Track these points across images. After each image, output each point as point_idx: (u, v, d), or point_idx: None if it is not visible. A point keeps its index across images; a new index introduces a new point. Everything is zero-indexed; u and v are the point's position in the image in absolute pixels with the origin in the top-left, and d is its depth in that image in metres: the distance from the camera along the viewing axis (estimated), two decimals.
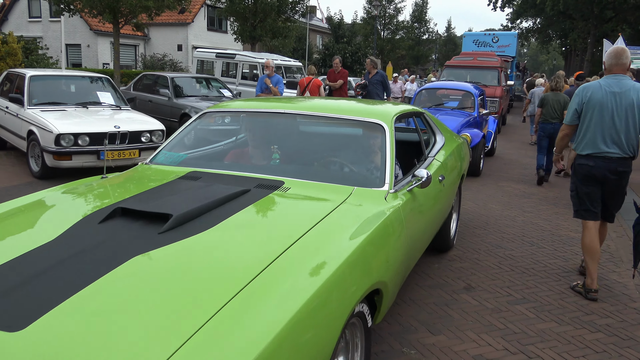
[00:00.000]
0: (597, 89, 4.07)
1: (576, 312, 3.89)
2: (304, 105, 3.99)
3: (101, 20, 14.22)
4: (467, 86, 10.61)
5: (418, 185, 3.19)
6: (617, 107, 4.01)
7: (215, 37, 32.04)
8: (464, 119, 9.01)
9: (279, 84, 9.55)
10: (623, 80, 4.03)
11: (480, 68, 16.45)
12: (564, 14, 36.60)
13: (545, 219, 6.49)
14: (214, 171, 3.22)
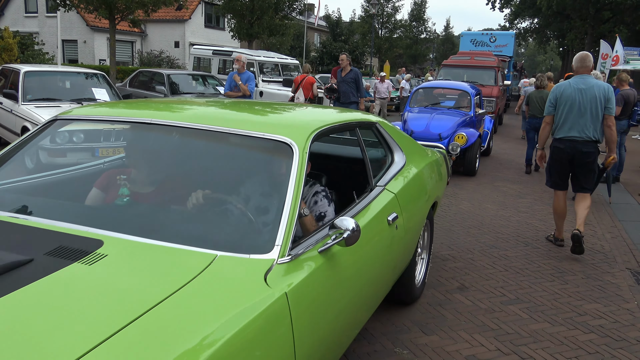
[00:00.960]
0: (567, 87, 5.08)
1: (569, 313, 3.89)
2: (188, 114, 2.68)
3: (97, 16, 14.16)
4: (464, 85, 10.53)
5: (340, 242, 2.05)
6: (583, 101, 4.98)
7: (212, 34, 31.96)
8: (460, 118, 9.04)
9: (250, 81, 8.75)
10: (587, 79, 5.03)
11: (477, 67, 16.46)
12: (561, 14, 36.66)
13: (540, 219, 6.50)
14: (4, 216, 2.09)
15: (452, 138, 8.45)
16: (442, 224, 6.01)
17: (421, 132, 8.46)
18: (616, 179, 8.98)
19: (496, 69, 16.32)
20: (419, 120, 9.04)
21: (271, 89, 12.64)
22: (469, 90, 9.98)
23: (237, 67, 8.73)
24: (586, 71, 5.11)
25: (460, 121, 8.94)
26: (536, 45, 60.36)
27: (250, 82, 8.68)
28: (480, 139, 9.07)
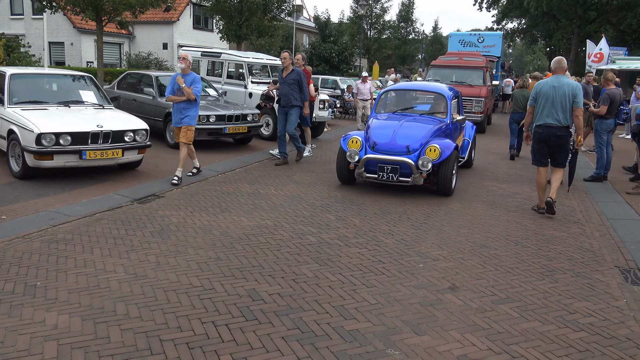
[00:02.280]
0: (545, 84, 6.52)
1: (560, 312, 3.91)
2: None
3: (84, 17, 14.02)
4: (439, 87, 9.05)
5: None
6: (556, 95, 6.38)
7: (201, 35, 31.80)
8: (433, 126, 7.63)
9: (195, 84, 7.46)
10: (561, 79, 6.44)
11: (465, 68, 16.45)
12: (548, 14, 36.94)
13: (530, 218, 6.53)
14: None
15: (423, 151, 7.09)
16: (432, 223, 6.02)
17: (385, 144, 7.19)
18: (604, 178, 9.06)
19: (484, 69, 16.27)
20: (384, 129, 7.56)
21: (260, 90, 12.57)
22: (444, 93, 8.46)
23: (182, 67, 7.49)
24: (562, 72, 6.53)
25: (434, 130, 7.55)
26: (524, 45, 60.79)
27: (196, 84, 7.49)
28: (457, 151, 7.72)
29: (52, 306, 3.58)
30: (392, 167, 7.06)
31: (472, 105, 14.96)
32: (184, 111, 7.55)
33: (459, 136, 8.85)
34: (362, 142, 7.36)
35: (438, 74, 16.26)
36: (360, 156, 7.25)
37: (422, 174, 6.94)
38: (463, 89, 14.92)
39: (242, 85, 12.92)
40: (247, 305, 3.71)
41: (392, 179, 7.07)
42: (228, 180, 7.83)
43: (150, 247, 4.82)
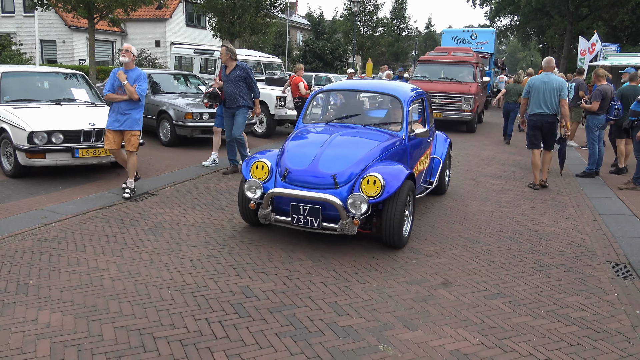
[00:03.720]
0: (537, 80, 7.85)
1: (551, 306, 3.94)
2: None
3: (75, 15, 13.95)
4: (393, 87, 6.35)
5: None
6: (546, 89, 7.70)
7: (194, 33, 31.71)
8: (378, 144, 5.18)
9: (140, 81, 6.41)
10: (550, 75, 7.79)
11: (455, 64, 15.86)
12: (541, 11, 37.05)
13: (522, 214, 6.56)
14: None
15: (358, 183, 4.67)
16: (425, 219, 6.04)
17: (303, 173, 4.78)
18: (596, 173, 9.11)
19: (475, 65, 15.68)
20: (304, 148, 5.15)
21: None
22: (399, 95, 5.86)
23: (125, 61, 6.43)
24: (550, 70, 7.91)
25: (379, 150, 5.11)
26: (518, 42, 60.98)
27: (140, 82, 6.41)
28: (412, 181, 5.12)
29: (44, 304, 3.57)
30: (310, 207, 4.61)
31: (461, 103, 14.47)
32: (124, 112, 6.38)
33: (424, 155, 6.34)
34: (271, 169, 4.98)
35: (426, 71, 15.90)
36: (264, 190, 4.82)
37: (355, 219, 4.48)
38: (452, 86, 14.68)
39: None
40: (241, 302, 3.72)
41: (313, 225, 4.66)
42: (222, 178, 7.81)
43: (144, 244, 4.82)
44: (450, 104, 14.51)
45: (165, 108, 10.18)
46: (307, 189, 4.71)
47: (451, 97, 14.48)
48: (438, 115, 14.19)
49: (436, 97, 14.37)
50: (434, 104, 13.88)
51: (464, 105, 14.42)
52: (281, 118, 12.12)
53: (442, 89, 14.68)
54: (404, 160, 5.52)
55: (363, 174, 4.76)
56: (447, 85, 14.90)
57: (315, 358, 3.06)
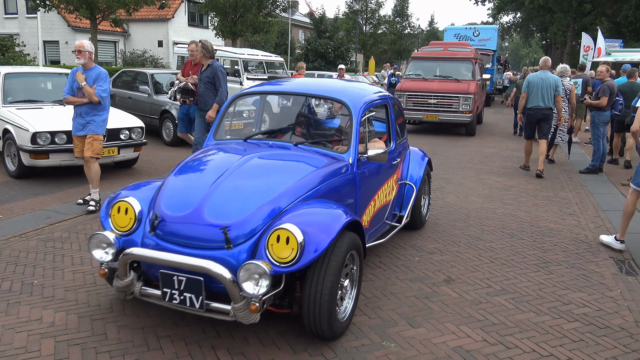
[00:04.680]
0: (535, 77, 8.74)
1: (554, 302, 3.94)
2: None
3: (78, 16, 13.99)
4: (340, 90, 4.49)
5: None
6: (543, 85, 8.57)
7: (196, 32, 31.70)
8: (309, 175, 3.53)
9: (100, 81, 5.72)
10: (547, 73, 8.69)
11: (451, 60, 14.39)
12: (543, 7, 36.94)
13: (525, 210, 6.55)
14: None
15: (264, 240, 2.97)
16: (429, 217, 6.03)
17: (180, 222, 3.11)
18: (600, 170, 9.09)
19: (473, 61, 14.15)
20: (190, 181, 3.51)
21: None
22: (347, 102, 4.15)
23: (81, 62, 5.73)
24: (547, 68, 8.82)
25: (308, 183, 3.48)
26: (521, 39, 60.84)
27: (100, 82, 5.72)
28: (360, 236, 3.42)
29: (49, 304, 3.59)
30: (187, 279, 2.94)
31: (459, 104, 13.16)
32: (86, 116, 5.80)
33: (386, 184, 4.60)
34: (140, 213, 3.30)
35: (420, 68, 14.62)
36: (116, 246, 3.17)
37: (252, 302, 2.83)
38: (449, 85, 13.50)
39: (238, 82, 12.91)
40: None
41: (193, 305, 2.96)
42: None
43: None
44: (446, 105, 13.30)
45: (167, 108, 10.21)
46: (186, 247, 3.00)
47: (448, 97, 13.27)
48: (434, 117, 13.43)
49: (431, 97, 13.39)
50: (428, 105, 13.41)
51: (462, 106, 13.14)
52: None
53: (437, 88, 13.53)
54: (348, 197, 3.78)
55: (269, 227, 3.01)
56: (443, 84, 13.72)
57: (319, 356, 3.07)
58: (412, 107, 13.50)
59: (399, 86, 14.10)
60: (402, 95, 13.63)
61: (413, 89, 13.63)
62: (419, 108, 13.46)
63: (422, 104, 13.43)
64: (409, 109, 13.39)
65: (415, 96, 13.52)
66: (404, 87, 13.85)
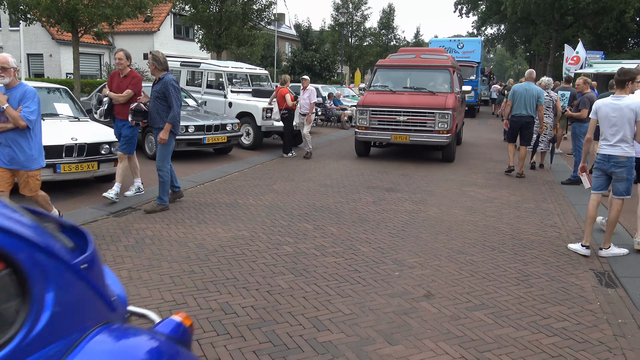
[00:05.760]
0: (519, 87, 9.61)
1: (534, 317, 3.92)
2: None
3: (59, 30, 13.90)
4: None
5: None
6: (526, 95, 9.46)
7: (182, 45, 31.69)
8: None
9: (26, 101, 4.78)
10: (530, 84, 9.60)
11: (425, 68, 11.88)
12: (526, 19, 37.48)
13: (507, 222, 6.56)
14: None
15: None
16: (409, 230, 6.02)
17: None
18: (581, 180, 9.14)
19: (451, 70, 11.73)
20: None
21: (241, 99, 12.55)
22: None
23: (5, 82, 4.81)
24: (531, 80, 9.70)
25: None
26: (505, 50, 61.59)
27: (28, 102, 4.78)
28: None
29: None
30: None
31: (434, 122, 10.63)
32: (13, 145, 4.84)
33: None
34: None
35: (388, 79, 12.01)
36: None
37: None
38: (422, 99, 10.93)
39: (222, 95, 12.87)
40: (220, 319, 3.67)
41: None
42: (206, 191, 7.77)
43: (124, 261, 4.75)
44: (419, 124, 10.73)
45: None
46: None
47: (421, 113, 10.71)
48: (403, 138, 10.83)
49: (400, 114, 10.82)
50: (397, 123, 10.83)
51: (439, 125, 10.61)
52: (268, 130, 12.09)
53: (408, 102, 10.91)
54: None
55: None
56: (415, 97, 11.08)
57: None
58: (378, 125, 11.03)
59: (361, 100, 11.44)
60: (365, 111, 11.06)
61: (378, 104, 11.05)
62: (386, 127, 10.95)
63: (389, 121, 10.91)
64: (373, 127, 11.05)
65: (380, 112, 10.97)
66: (367, 101, 11.22)
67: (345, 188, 8.26)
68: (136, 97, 6.78)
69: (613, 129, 5.23)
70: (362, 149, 11.72)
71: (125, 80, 6.87)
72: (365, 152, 11.76)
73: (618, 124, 5.19)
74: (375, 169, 10.07)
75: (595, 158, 5.57)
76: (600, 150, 5.41)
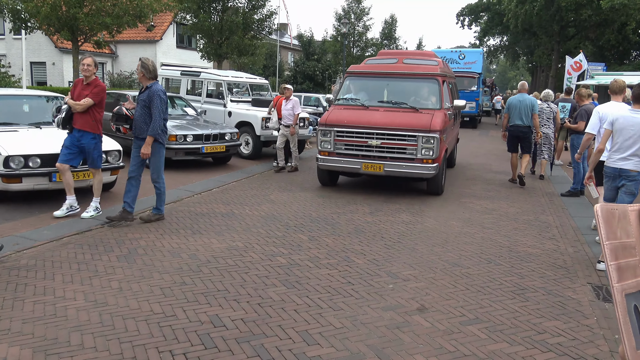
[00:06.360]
0: (514, 99, 10.02)
1: (528, 332, 3.85)
2: None
3: (59, 38, 13.95)
4: None
5: None
6: (521, 106, 9.84)
7: (184, 54, 31.82)
8: None
9: None
10: (524, 95, 10.02)
11: (407, 77, 9.23)
12: (528, 31, 37.57)
13: (505, 235, 6.50)
14: None
15: None
16: (405, 242, 5.96)
17: None
18: (581, 192, 9.09)
19: (440, 80, 9.07)
20: None
21: (240, 109, 12.54)
22: None
23: None
24: (524, 91, 10.17)
25: None
26: (507, 61, 61.71)
27: None
28: None
29: (3, 338, 3.44)
30: None
31: (416, 148, 8.15)
32: None
33: None
34: None
35: (360, 89, 9.47)
36: None
37: None
38: (401, 117, 8.42)
39: (222, 104, 12.87)
40: (208, 332, 3.61)
41: None
42: (203, 201, 7.73)
43: (115, 272, 4.70)
44: (397, 149, 8.25)
45: None
46: None
47: (399, 136, 8.22)
48: (376, 168, 8.27)
49: (373, 137, 8.28)
50: (368, 149, 8.35)
51: (422, 151, 8.12)
52: (267, 139, 12.07)
53: (383, 121, 8.34)
54: None
55: None
56: (392, 115, 8.54)
57: None
58: (344, 151, 8.46)
59: (324, 118, 8.81)
60: (329, 132, 8.52)
61: (345, 123, 8.47)
62: (355, 153, 8.40)
63: (358, 146, 8.37)
64: (339, 153, 8.50)
65: (348, 134, 8.42)
66: (332, 119, 8.62)
67: (343, 198, 8.21)
68: (96, 108, 6.39)
69: (629, 141, 5.24)
70: (327, 179, 9.17)
71: (87, 88, 6.43)
72: (331, 182, 9.25)
73: (634, 137, 5.22)
74: (374, 179, 10.03)
75: (605, 170, 5.53)
76: (610, 164, 5.39)
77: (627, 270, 1.97)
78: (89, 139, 6.44)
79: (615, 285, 1.93)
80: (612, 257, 1.97)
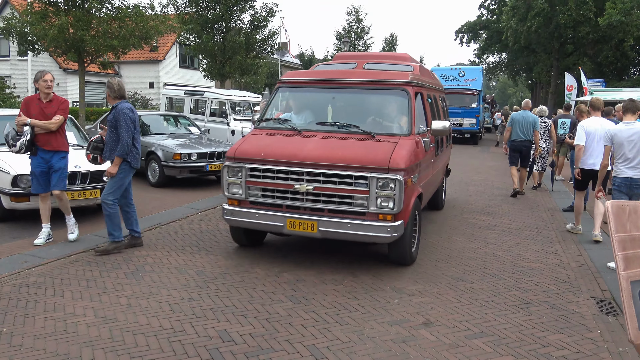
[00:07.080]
0: (517, 115, 10.52)
1: (533, 345, 3.89)
2: None
3: (66, 59, 14.17)
4: None
5: None
6: (524, 122, 10.35)
7: (187, 74, 32.17)
8: None
9: None
10: (527, 112, 10.47)
11: (363, 87, 6.21)
12: (527, 48, 37.92)
13: (508, 250, 6.55)
14: None
15: None
16: None
17: None
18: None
19: (410, 91, 6.00)
20: None
21: (243, 127, 12.67)
22: None
23: None
24: (527, 109, 10.63)
25: None
26: (508, 78, 62.15)
27: None
28: None
29: (16, 353, 3.50)
30: None
31: (367, 197, 5.13)
32: None
33: None
34: None
35: (296, 105, 6.52)
36: None
37: None
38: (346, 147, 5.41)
39: (225, 123, 13.02)
40: (217, 346, 3.66)
41: None
42: (208, 218, 7.80)
43: (123, 288, 4.76)
44: (340, 198, 5.25)
45: (153, 149, 10.24)
46: None
47: (342, 177, 5.22)
48: (307, 227, 5.27)
49: (302, 179, 5.31)
50: (295, 196, 5.36)
51: (377, 202, 5.13)
52: None
53: (318, 155, 5.36)
54: None
55: None
56: (334, 145, 5.54)
57: None
58: (261, 199, 5.53)
59: (232, 149, 5.74)
60: (239, 169, 5.55)
61: (261, 157, 5.53)
62: (276, 202, 5.47)
63: (281, 191, 5.44)
64: (253, 202, 5.56)
65: (266, 174, 5.48)
66: (243, 150, 5.67)
67: None
68: (63, 124, 6.09)
69: (633, 150, 5.65)
70: (243, 238, 6.16)
71: (50, 105, 6.02)
72: (248, 242, 6.22)
73: (638, 146, 5.61)
74: None
75: (614, 182, 5.74)
76: (620, 174, 5.66)
77: (634, 260, 2.17)
78: (59, 158, 6.08)
79: (622, 272, 2.15)
80: (620, 248, 2.18)
